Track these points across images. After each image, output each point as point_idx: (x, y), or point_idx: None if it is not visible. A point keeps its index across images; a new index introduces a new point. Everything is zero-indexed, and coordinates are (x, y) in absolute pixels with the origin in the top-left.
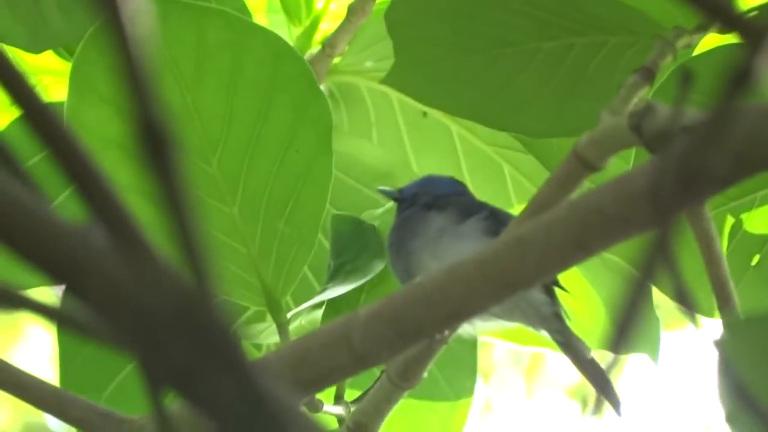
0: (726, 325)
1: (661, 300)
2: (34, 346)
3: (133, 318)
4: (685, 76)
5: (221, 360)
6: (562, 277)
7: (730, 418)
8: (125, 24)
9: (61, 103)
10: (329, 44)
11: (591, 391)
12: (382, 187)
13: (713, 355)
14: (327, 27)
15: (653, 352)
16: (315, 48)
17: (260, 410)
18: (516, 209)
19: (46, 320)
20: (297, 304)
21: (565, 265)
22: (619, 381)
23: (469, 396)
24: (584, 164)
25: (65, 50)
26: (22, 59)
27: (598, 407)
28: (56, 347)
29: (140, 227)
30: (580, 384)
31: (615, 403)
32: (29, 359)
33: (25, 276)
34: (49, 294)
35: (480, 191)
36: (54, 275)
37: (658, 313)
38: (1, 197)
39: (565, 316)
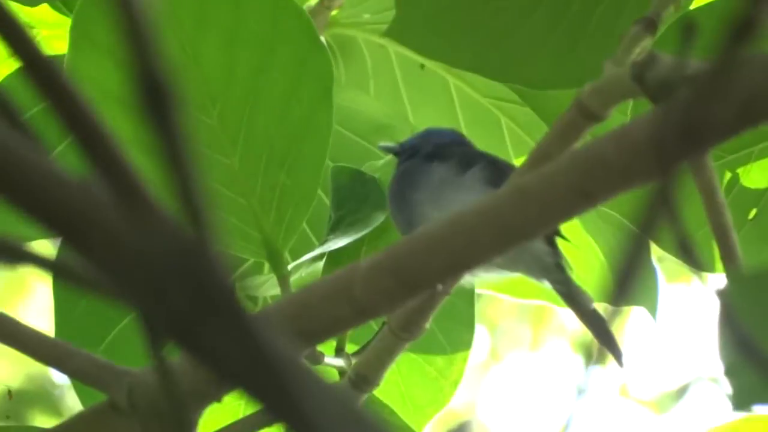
0: (730, 277)
1: (664, 253)
2: (41, 303)
3: (134, 270)
4: (688, 27)
5: (222, 311)
6: (562, 229)
7: (730, 371)
8: None
9: (58, 57)
10: None
11: (594, 343)
12: (383, 143)
13: (715, 306)
14: None
15: (652, 306)
16: (313, 0)
17: (261, 361)
18: (513, 161)
19: (45, 273)
20: (294, 260)
21: (567, 216)
22: (622, 333)
23: (467, 349)
24: (586, 114)
25: (62, 3)
26: (18, 12)
27: (600, 358)
28: (52, 300)
29: (141, 179)
30: (584, 335)
31: (617, 354)
32: (36, 316)
33: (23, 228)
34: (48, 247)
35: (477, 143)
36: (54, 228)
37: (662, 266)
38: (2, 148)
39: (567, 267)
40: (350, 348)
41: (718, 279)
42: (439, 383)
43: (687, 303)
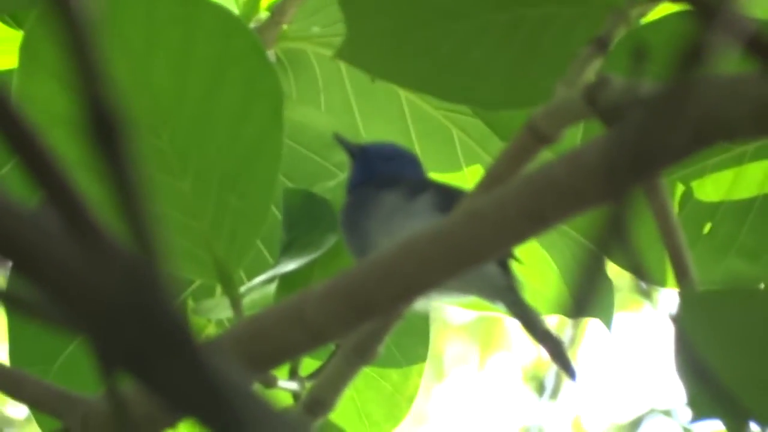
0: (683, 299)
1: (617, 281)
2: None
3: (85, 300)
4: (639, 49)
5: (172, 341)
6: (517, 248)
7: (693, 402)
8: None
9: (7, 72)
10: (278, 11)
11: (546, 377)
12: (341, 137)
13: (669, 329)
14: None
15: (607, 317)
16: (263, 14)
17: (211, 391)
18: (465, 173)
19: None
20: (251, 277)
21: (521, 238)
22: (575, 359)
23: (422, 363)
24: (538, 137)
25: (11, 19)
26: None
27: (553, 392)
28: (6, 321)
29: (90, 207)
30: (535, 368)
31: (569, 371)
32: None
33: None
34: None
35: (429, 156)
36: (4, 258)
37: (616, 294)
38: None
39: (519, 288)
40: (306, 369)
41: (671, 297)
42: (394, 398)
43: (638, 333)
